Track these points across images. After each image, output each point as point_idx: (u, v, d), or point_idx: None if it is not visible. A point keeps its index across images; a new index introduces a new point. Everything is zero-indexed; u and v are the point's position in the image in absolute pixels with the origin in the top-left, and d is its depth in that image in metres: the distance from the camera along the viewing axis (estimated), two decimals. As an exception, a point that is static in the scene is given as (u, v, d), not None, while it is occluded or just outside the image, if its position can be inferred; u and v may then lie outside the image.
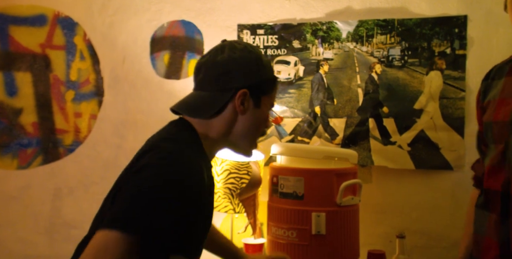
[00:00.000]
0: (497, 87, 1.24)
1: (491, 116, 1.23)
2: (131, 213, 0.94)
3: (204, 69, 1.17)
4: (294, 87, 2.25)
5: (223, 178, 1.99)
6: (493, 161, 1.22)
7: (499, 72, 1.27)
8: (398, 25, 2.15)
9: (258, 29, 2.27)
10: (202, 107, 1.17)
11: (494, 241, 1.19)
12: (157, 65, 2.40)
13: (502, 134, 1.19)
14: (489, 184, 1.23)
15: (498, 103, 1.21)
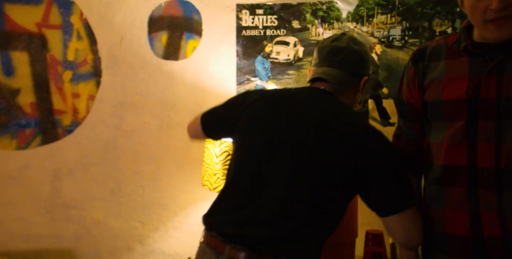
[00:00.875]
0: (438, 69, 1.32)
1: (439, 95, 1.30)
2: (410, 191, 1.31)
3: (345, 53, 1.42)
4: (294, 68, 2.23)
5: (222, 160, 2.00)
6: (453, 138, 1.27)
7: (435, 54, 1.34)
8: (399, 5, 2.12)
9: (257, 9, 2.24)
10: (346, 83, 1.41)
11: (462, 213, 1.26)
12: (155, 46, 2.37)
13: (458, 112, 1.26)
14: (450, 160, 1.28)
15: (446, 83, 1.29)
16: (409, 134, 1.46)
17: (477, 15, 1.19)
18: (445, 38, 1.37)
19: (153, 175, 2.40)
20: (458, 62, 1.29)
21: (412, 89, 1.40)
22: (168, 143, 2.38)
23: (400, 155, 1.34)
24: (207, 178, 2.04)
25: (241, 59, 2.27)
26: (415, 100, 1.41)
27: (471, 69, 1.26)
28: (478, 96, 1.23)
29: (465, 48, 1.28)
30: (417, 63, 1.38)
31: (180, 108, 2.35)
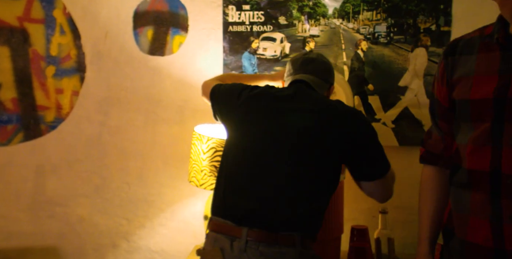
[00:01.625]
0: (469, 64, 1.23)
1: (467, 94, 1.22)
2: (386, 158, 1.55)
3: (316, 62, 1.68)
4: (280, 64, 2.24)
5: (209, 156, 1.99)
6: (477, 140, 1.20)
7: (467, 47, 1.25)
8: (384, 2, 2.14)
9: (243, 4, 2.24)
10: (320, 86, 1.65)
11: (483, 221, 1.19)
12: (140, 41, 2.35)
13: (484, 113, 1.17)
14: (473, 164, 1.21)
15: (475, 80, 1.20)
16: (438, 132, 1.39)
17: (506, 8, 1.11)
18: (480, 30, 1.26)
19: (139, 172, 2.38)
20: (490, 56, 1.18)
21: (440, 85, 1.32)
22: (154, 139, 2.36)
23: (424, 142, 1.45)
24: (194, 175, 2.04)
25: (227, 55, 2.27)
26: (442, 97, 1.33)
27: (502, 65, 1.15)
28: (506, 96, 1.13)
29: (497, 41, 1.17)
30: (447, 58, 1.29)
31: (166, 105, 2.34)
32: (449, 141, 1.36)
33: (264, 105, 1.55)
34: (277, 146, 1.48)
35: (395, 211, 2.16)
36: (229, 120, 1.64)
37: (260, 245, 1.39)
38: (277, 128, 1.50)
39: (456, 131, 1.30)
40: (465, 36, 1.29)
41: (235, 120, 1.60)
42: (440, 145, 1.38)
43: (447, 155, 1.37)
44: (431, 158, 1.42)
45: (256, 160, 1.50)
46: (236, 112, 1.60)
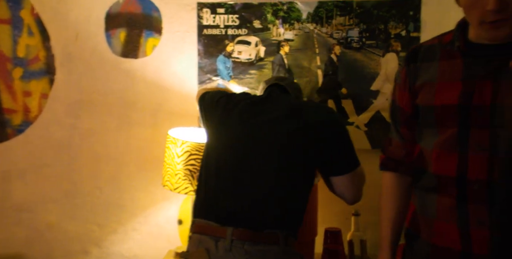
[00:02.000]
0: (431, 71, 1.24)
1: (431, 100, 1.23)
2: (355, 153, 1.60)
3: (288, 80, 1.83)
4: (255, 68, 2.25)
5: (183, 160, 1.98)
6: (443, 146, 1.21)
7: (428, 54, 1.26)
8: (356, 7, 2.19)
9: (218, 8, 2.24)
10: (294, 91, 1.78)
11: (451, 225, 1.20)
12: (113, 43, 2.31)
13: (449, 119, 1.19)
14: (440, 169, 1.22)
15: (439, 87, 1.21)
16: (399, 138, 1.39)
17: (473, 15, 1.11)
18: (439, 37, 1.28)
19: (111, 176, 2.34)
20: (452, 64, 1.20)
21: (403, 91, 1.33)
22: (128, 142, 2.33)
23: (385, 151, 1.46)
24: (168, 178, 2.02)
25: (202, 58, 2.26)
26: (405, 103, 1.33)
27: (465, 72, 1.17)
28: (471, 103, 1.15)
29: (458, 49, 1.19)
30: (409, 64, 1.30)
31: (140, 107, 2.31)
32: (410, 147, 1.36)
33: (242, 109, 1.60)
34: (257, 148, 1.52)
35: (368, 213, 2.20)
36: (210, 125, 1.68)
37: (245, 244, 1.42)
38: (256, 131, 1.54)
39: (419, 136, 1.31)
40: (425, 43, 1.31)
41: (216, 124, 1.64)
42: (401, 151, 1.38)
43: (408, 161, 1.37)
44: (392, 164, 1.42)
45: (237, 162, 1.53)
46: (216, 116, 1.64)
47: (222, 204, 1.49)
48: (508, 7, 1.05)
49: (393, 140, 1.41)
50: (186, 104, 2.27)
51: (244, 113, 1.58)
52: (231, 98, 1.67)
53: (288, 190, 1.50)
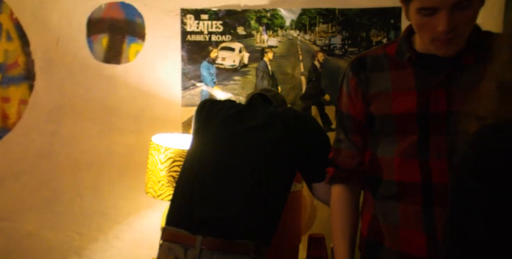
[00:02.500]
0: (383, 80, 1.26)
1: (388, 109, 1.25)
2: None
3: (273, 92, 1.85)
4: (239, 74, 2.26)
5: (167, 166, 1.97)
6: (405, 153, 1.22)
7: (376, 64, 1.28)
8: (339, 15, 2.22)
9: (202, 14, 2.24)
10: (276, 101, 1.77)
11: (417, 231, 1.21)
12: (95, 49, 2.29)
13: (409, 127, 1.21)
14: (403, 176, 1.23)
15: (394, 96, 1.24)
16: (350, 148, 1.38)
17: (425, 34, 1.14)
18: (383, 48, 1.31)
19: (93, 183, 2.31)
20: (404, 73, 1.24)
21: (355, 100, 1.33)
22: (110, 149, 2.30)
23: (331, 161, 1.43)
24: (151, 185, 2.00)
25: (186, 64, 2.26)
26: (357, 112, 1.33)
27: (418, 81, 1.21)
28: (428, 111, 1.19)
29: (409, 59, 1.22)
30: (359, 74, 1.31)
31: (123, 113, 2.29)
32: (361, 155, 1.37)
33: (224, 116, 1.60)
34: (238, 155, 1.52)
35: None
36: (194, 131, 1.69)
37: (214, 253, 1.42)
38: (238, 138, 1.55)
39: (374, 145, 1.32)
40: (369, 53, 1.33)
41: (198, 130, 1.65)
42: (353, 161, 1.37)
43: (361, 170, 1.37)
44: (343, 176, 1.40)
45: (211, 170, 1.53)
46: (199, 122, 1.65)
47: (194, 212, 1.48)
48: (457, 27, 1.10)
49: (343, 150, 1.39)
50: (169, 110, 2.26)
51: (226, 120, 1.59)
52: (215, 104, 1.68)
53: (267, 199, 1.49)
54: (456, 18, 1.08)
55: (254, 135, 1.54)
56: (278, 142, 1.52)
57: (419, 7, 1.10)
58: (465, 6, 1.07)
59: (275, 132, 1.53)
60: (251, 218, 1.46)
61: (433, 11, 1.08)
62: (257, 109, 1.63)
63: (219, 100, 1.74)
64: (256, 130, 1.54)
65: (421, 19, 1.12)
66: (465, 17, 1.09)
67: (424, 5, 1.08)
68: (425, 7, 1.08)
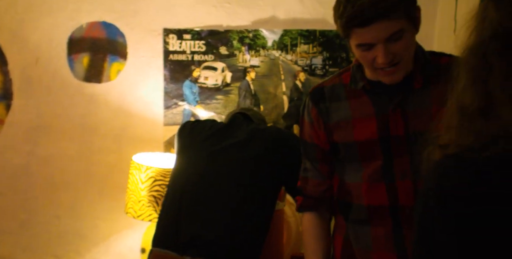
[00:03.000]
0: (342, 110, 1.30)
1: (350, 136, 1.28)
2: None
3: (253, 111, 1.86)
4: (222, 93, 2.27)
5: (148, 186, 1.94)
6: (371, 178, 1.26)
7: (334, 94, 1.32)
8: (319, 36, 2.26)
9: (184, 34, 2.26)
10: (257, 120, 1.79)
11: (389, 253, 1.24)
12: (75, 68, 2.27)
13: (372, 152, 1.25)
14: (372, 200, 1.26)
15: (355, 123, 1.27)
16: (316, 177, 1.39)
17: (367, 64, 1.19)
18: (338, 77, 1.34)
19: (71, 204, 2.26)
20: (361, 101, 1.28)
21: (317, 130, 1.34)
22: (89, 169, 2.26)
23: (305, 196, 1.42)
24: (131, 205, 1.97)
25: (168, 83, 2.26)
26: (321, 141, 1.35)
27: (375, 108, 1.25)
28: (389, 135, 1.23)
29: (363, 88, 1.26)
30: (318, 104, 1.33)
31: (103, 133, 2.26)
32: (329, 182, 1.39)
33: (207, 135, 1.60)
34: (218, 173, 1.52)
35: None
36: (177, 151, 1.68)
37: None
38: (218, 156, 1.55)
39: (341, 171, 1.34)
40: (326, 83, 1.36)
41: (181, 150, 1.65)
42: (320, 188, 1.39)
43: (328, 195, 1.39)
44: (311, 204, 1.41)
45: (196, 188, 1.52)
46: (182, 142, 1.66)
47: (183, 230, 1.47)
48: (395, 56, 1.15)
49: (309, 179, 1.40)
50: (151, 129, 2.24)
51: (208, 138, 1.59)
52: (196, 124, 1.68)
53: (253, 215, 1.49)
54: (392, 49, 1.14)
55: (237, 151, 1.54)
56: (261, 158, 1.53)
57: (356, 44, 1.17)
58: (397, 38, 1.13)
59: (258, 149, 1.54)
60: (237, 235, 1.45)
61: (370, 46, 1.15)
62: (238, 127, 1.63)
63: (200, 121, 1.76)
64: (239, 147, 1.54)
65: (362, 53, 1.17)
66: (401, 46, 1.15)
67: (360, 42, 1.15)
68: (361, 43, 1.15)
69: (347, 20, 1.13)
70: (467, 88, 0.66)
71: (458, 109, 0.68)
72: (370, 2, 1.10)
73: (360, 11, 1.10)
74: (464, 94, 0.67)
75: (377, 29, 1.12)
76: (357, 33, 1.14)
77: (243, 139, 1.56)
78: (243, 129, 1.61)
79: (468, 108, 0.66)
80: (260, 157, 1.53)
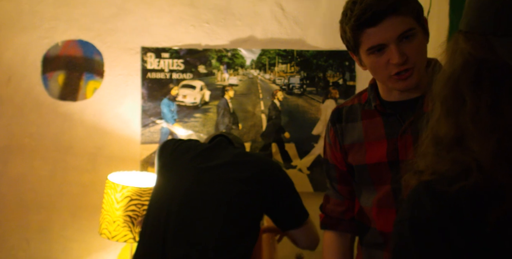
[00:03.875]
0: (356, 130, 1.29)
1: (362, 159, 1.27)
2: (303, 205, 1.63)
3: (232, 135, 1.79)
4: (200, 111, 2.25)
5: (123, 205, 1.89)
6: (381, 203, 1.24)
7: (351, 115, 1.32)
8: (297, 56, 2.30)
9: (162, 52, 2.25)
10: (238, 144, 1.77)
11: None
12: (50, 86, 2.23)
13: (383, 176, 1.23)
14: (382, 226, 1.24)
15: (368, 146, 1.26)
16: (336, 196, 1.40)
17: (380, 71, 1.17)
18: (358, 97, 1.34)
19: (41, 226, 2.17)
20: (374, 122, 1.26)
21: (334, 151, 1.35)
22: (62, 189, 2.19)
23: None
24: (105, 226, 1.91)
25: (146, 102, 2.23)
26: (339, 162, 1.35)
27: (386, 130, 1.23)
28: (398, 159, 1.20)
29: (376, 108, 1.25)
30: (335, 125, 1.34)
31: (77, 152, 2.20)
32: (349, 203, 1.38)
33: (190, 156, 1.58)
34: (204, 193, 1.49)
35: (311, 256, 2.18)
36: (158, 172, 1.64)
37: None
38: (204, 176, 1.52)
39: (358, 193, 1.33)
40: (346, 103, 1.36)
41: (163, 170, 1.61)
42: (339, 209, 1.39)
43: (347, 217, 1.39)
44: (331, 223, 1.42)
45: (182, 209, 1.48)
46: (164, 162, 1.62)
47: (170, 252, 1.43)
48: (408, 58, 1.13)
49: (331, 198, 1.42)
50: (127, 148, 2.20)
51: (194, 158, 1.56)
52: (180, 143, 1.65)
53: (239, 235, 1.47)
54: (405, 49, 1.13)
55: (224, 172, 1.52)
56: (247, 181, 1.51)
57: (368, 48, 1.15)
58: (409, 36, 1.12)
59: (245, 173, 1.52)
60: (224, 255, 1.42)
61: (382, 49, 1.14)
62: (224, 149, 1.62)
63: (183, 140, 1.71)
64: (225, 168, 1.53)
65: (374, 59, 1.15)
66: (413, 48, 1.13)
67: (372, 44, 1.13)
68: (374, 45, 1.14)
69: (357, 18, 1.11)
70: (441, 119, 0.67)
71: (433, 140, 0.69)
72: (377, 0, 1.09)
73: (369, 7, 1.09)
74: (439, 126, 0.67)
75: (388, 27, 1.10)
76: (368, 34, 1.12)
77: (229, 161, 1.54)
78: (229, 151, 1.59)
79: (444, 139, 0.66)
80: (247, 180, 1.51)
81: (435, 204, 0.62)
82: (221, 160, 1.54)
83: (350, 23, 1.13)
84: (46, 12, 2.23)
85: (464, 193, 0.59)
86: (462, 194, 0.59)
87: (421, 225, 0.63)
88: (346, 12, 1.16)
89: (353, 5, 1.13)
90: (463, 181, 0.59)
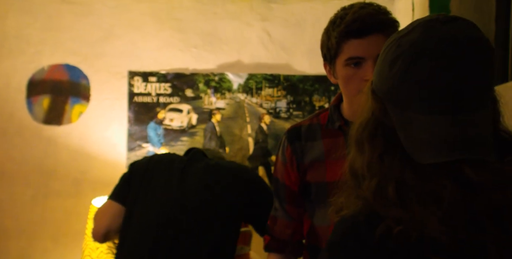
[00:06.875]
0: (316, 149, 1.28)
1: (323, 177, 1.26)
2: None
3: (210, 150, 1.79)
4: (187, 135, 2.24)
5: (108, 231, 1.84)
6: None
7: (310, 134, 1.30)
8: (283, 80, 2.32)
9: (150, 76, 2.26)
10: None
11: None
12: (34, 110, 2.20)
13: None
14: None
15: (328, 165, 1.25)
16: (285, 217, 1.35)
17: (352, 84, 1.16)
18: (316, 117, 1.32)
19: (21, 253, 2.10)
20: (336, 142, 1.25)
21: (290, 170, 1.30)
22: (44, 215, 2.13)
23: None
24: (88, 253, 1.85)
25: (132, 125, 2.22)
26: (292, 182, 1.31)
27: (348, 149, 1.27)
28: None
29: (340, 128, 1.24)
30: (293, 143, 1.30)
31: (61, 176, 2.16)
32: (296, 225, 1.34)
33: (170, 171, 1.55)
34: (180, 212, 1.47)
35: None
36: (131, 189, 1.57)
37: None
38: (179, 194, 1.49)
39: (311, 213, 1.30)
40: (303, 122, 1.34)
41: (138, 188, 1.54)
42: (288, 231, 1.34)
43: (295, 240, 1.35)
44: (277, 245, 1.37)
45: (157, 227, 1.45)
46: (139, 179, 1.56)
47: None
48: None
49: (278, 219, 1.36)
50: (113, 172, 2.15)
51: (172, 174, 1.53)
52: (153, 159, 1.59)
53: (215, 254, 1.46)
54: None
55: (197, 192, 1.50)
56: (221, 198, 1.50)
57: (347, 58, 1.16)
58: None
59: (218, 188, 1.52)
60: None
61: (359, 62, 1.15)
62: (199, 162, 1.59)
63: (156, 155, 1.65)
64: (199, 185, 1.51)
65: (349, 71, 1.17)
66: None
67: (352, 55, 1.15)
68: (353, 56, 1.15)
69: (346, 25, 1.13)
70: (355, 156, 0.78)
71: (351, 172, 0.79)
72: (370, 13, 1.13)
73: (360, 18, 1.12)
74: (354, 160, 0.78)
75: (372, 42, 1.12)
76: (351, 45, 1.14)
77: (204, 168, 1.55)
78: (204, 161, 1.58)
79: (358, 172, 0.77)
80: (225, 190, 1.51)
81: (344, 239, 0.74)
82: (195, 177, 1.52)
83: (339, 29, 1.15)
84: (33, 36, 2.23)
85: (363, 220, 0.72)
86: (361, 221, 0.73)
87: (333, 244, 0.75)
88: (335, 20, 1.17)
89: (344, 14, 1.16)
90: (363, 212, 0.73)
